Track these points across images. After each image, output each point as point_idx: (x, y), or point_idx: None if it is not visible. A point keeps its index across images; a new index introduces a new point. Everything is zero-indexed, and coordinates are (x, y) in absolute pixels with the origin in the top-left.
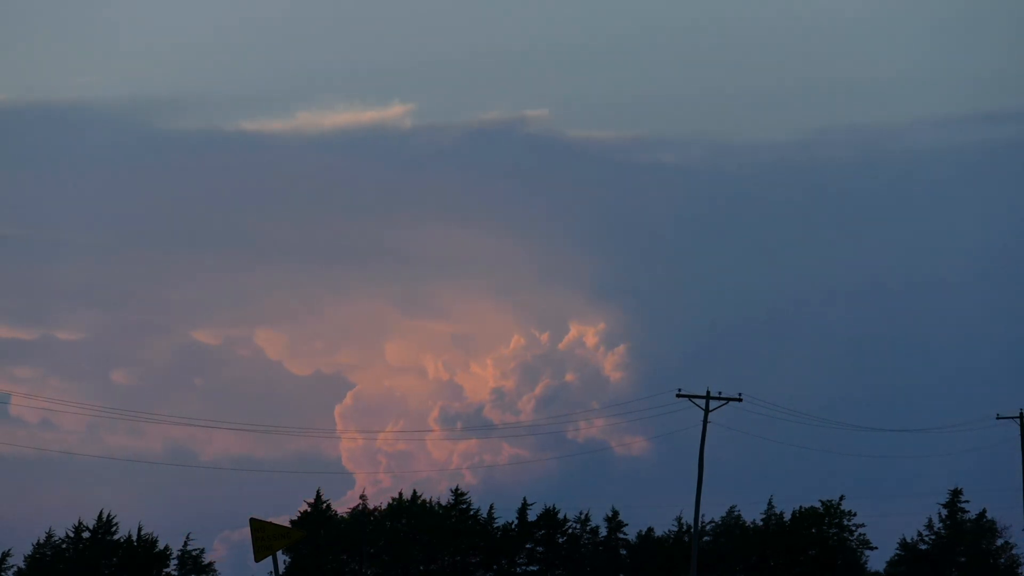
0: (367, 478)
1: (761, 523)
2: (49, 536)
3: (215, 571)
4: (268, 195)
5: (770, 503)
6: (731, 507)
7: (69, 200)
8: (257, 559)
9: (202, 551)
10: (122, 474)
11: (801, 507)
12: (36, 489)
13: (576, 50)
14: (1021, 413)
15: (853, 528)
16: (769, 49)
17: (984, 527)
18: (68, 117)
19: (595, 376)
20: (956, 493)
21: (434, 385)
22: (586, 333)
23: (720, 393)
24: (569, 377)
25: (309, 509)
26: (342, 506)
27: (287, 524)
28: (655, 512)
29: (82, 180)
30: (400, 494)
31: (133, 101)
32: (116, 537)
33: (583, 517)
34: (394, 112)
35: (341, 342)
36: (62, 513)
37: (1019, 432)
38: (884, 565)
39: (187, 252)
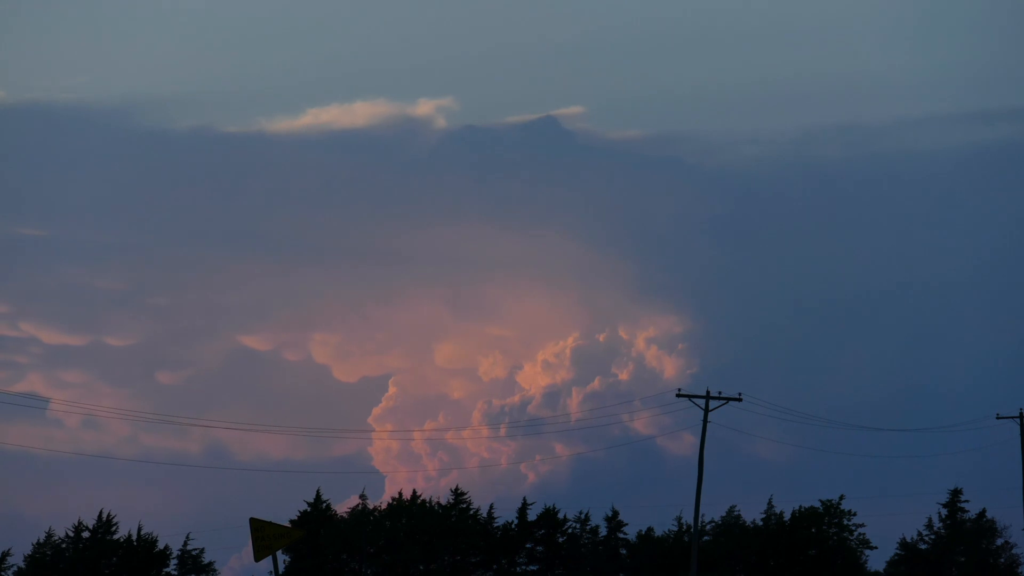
0: (404, 478)
1: (761, 523)
2: (49, 536)
3: (215, 571)
4: (308, 197)
5: (770, 503)
6: (731, 507)
7: (107, 202)
8: (257, 559)
9: (202, 551)
10: (163, 476)
11: (801, 507)
12: (77, 489)
13: (610, 47)
14: (1021, 413)
15: (853, 528)
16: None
17: (984, 527)
18: (87, 117)
19: (650, 376)
20: (956, 493)
21: (478, 386)
22: (635, 334)
23: (720, 393)
24: (623, 377)
25: (309, 509)
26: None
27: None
28: (655, 512)
29: (120, 181)
30: (400, 494)
31: (155, 101)
32: (116, 537)
33: (583, 517)
34: (423, 110)
35: (391, 346)
36: (84, 513)
37: (1019, 432)
38: (884, 565)
39: (236, 257)
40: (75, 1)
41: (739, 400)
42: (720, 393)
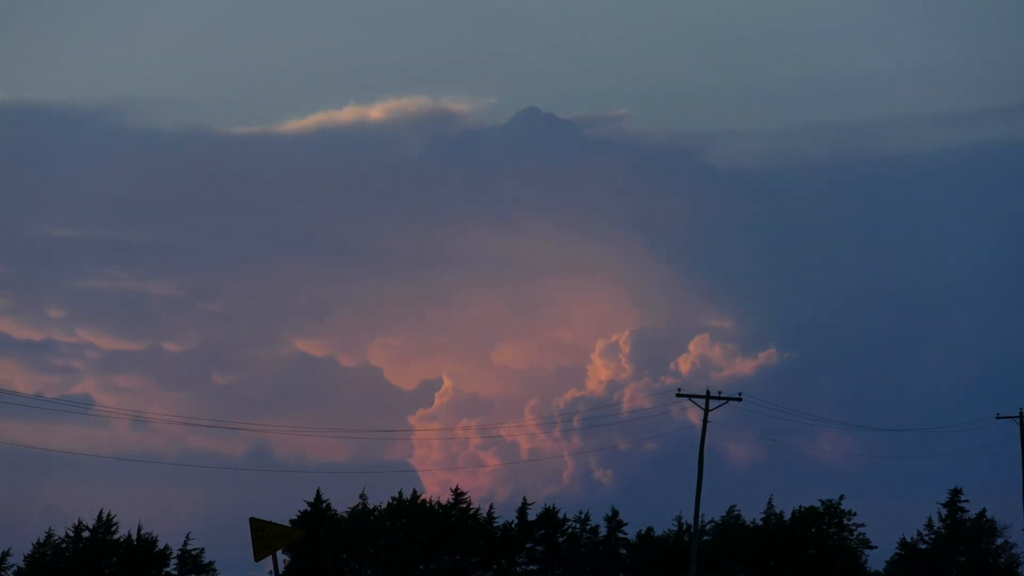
0: (443, 479)
1: (761, 523)
2: (49, 535)
3: (215, 571)
4: (360, 200)
5: (770, 503)
6: (731, 507)
7: (138, 204)
8: (257, 558)
9: (202, 551)
10: (205, 476)
11: (801, 507)
12: (126, 489)
13: (649, 46)
14: (1021, 413)
15: (853, 528)
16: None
17: (984, 527)
18: (113, 118)
19: (708, 374)
20: (956, 493)
21: (531, 386)
22: (692, 335)
23: (720, 393)
24: (683, 375)
25: (309, 509)
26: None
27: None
28: (655, 512)
29: (169, 185)
30: (400, 493)
31: (186, 102)
32: (116, 537)
33: (583, 516)
34: (458, 107)
35: (448, 349)
36: (85, 513)
37: (1019, 432)
38: (884, 565)
39: (294, 262)
40: (89, 3)
41: (739, 400)
42: (720, 393)
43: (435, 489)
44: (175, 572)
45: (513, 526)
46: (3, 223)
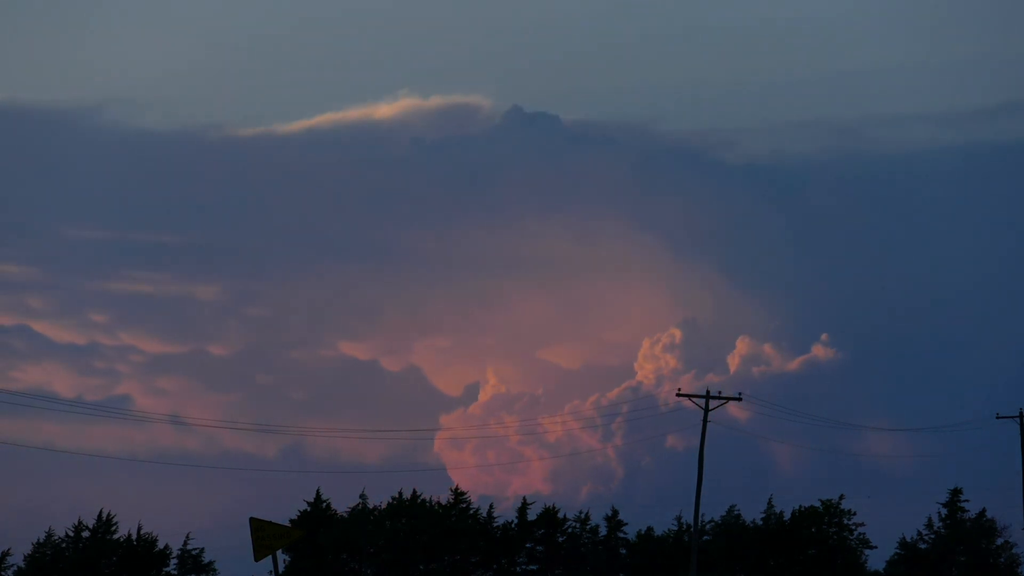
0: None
1: (761, 523)
2: (49, 535)
3: (215, 570)
4: (402, 202)
5: (770, 503)
6: (731, 507)
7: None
8: (257, 558)
9: (202, 551)
10: (236, 476)
11: (801, 507)
12: (171, 492)
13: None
14: (1021, 413)
15: (853, 527)
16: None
17: (984, 526)
18: (127, 118)
19: (751, 371)
20: (956, 493)
21: (573, 386)
22: (738, 335)
23: (720, 393)
24: (711, 379)
25: (308, 509)
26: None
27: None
28: (655, 511)
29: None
30: (400, 493)
31: (203, 101)
32: (116, 536)
33: (583, 516)
34: (483, 104)
35: (490, 352)
36: (85, 513)
37: (1019, 432)
38: (884, 564)
39: (338, 266)
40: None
41: (739, 400)
42: (720, 393)
43: (467, 487)
44: (175, 572)
45: (513, 526)
46: (30, 226)
